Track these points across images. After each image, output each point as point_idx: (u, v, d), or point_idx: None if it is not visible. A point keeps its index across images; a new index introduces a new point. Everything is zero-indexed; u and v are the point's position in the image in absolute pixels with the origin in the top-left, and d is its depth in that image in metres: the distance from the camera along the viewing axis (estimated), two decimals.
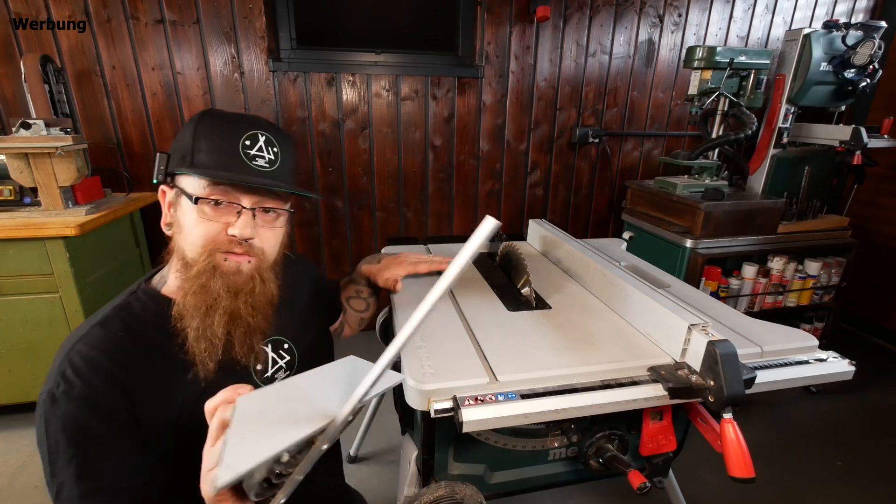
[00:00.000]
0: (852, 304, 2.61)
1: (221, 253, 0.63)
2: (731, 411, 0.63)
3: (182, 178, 0.63)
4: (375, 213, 2.30)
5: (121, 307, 0.63)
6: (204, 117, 0.64)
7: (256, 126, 0.64)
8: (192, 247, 0.62)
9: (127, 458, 0.57)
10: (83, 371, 0.55)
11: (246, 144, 0.62)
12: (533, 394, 0.63)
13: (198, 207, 0.61)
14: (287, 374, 0.75)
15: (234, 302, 0.64)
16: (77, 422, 0.54)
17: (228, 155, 0.62)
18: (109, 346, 0.58)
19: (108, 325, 0.60)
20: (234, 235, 0.62)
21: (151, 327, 0.63)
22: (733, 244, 1.81)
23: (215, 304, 0.62)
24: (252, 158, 0.63)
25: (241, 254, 0.64)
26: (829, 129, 1.97)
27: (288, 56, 2.07)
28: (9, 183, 1.59)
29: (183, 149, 0.63)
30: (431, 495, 0.57)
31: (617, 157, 2.48)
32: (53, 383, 0.55)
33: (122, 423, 0.57)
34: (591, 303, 0.94)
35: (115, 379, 0.57)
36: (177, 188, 0.64)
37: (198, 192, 0.61)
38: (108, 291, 1.72)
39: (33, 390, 1.66)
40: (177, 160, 0.63)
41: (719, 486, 1.53)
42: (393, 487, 1.45)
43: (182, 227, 0.63)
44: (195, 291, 0.61)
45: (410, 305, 0.91)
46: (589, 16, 2.21)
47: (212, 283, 0.62)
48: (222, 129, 0.63)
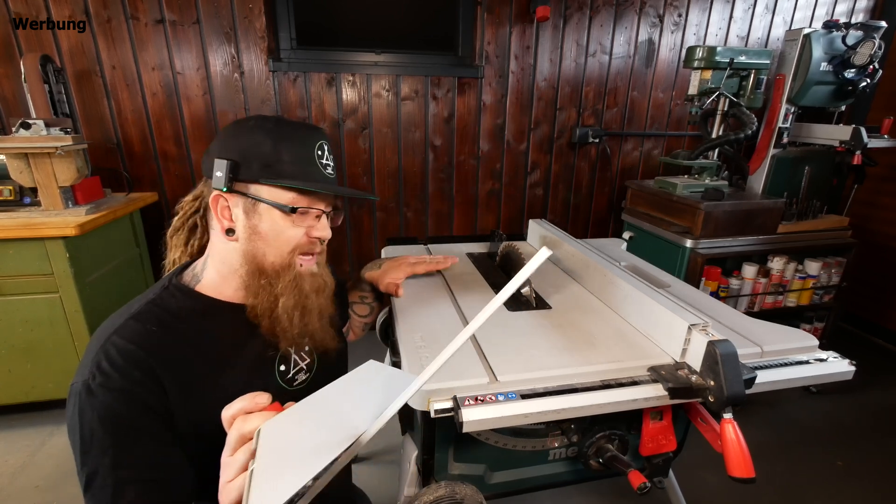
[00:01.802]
0: (852, 304, 2.61)
1: (300, 256, 0.68)
2: (731, 411, 0.63)
3: (259, 186, 0.64)
4: (375, 213, 2.30)
5: (154, 302, 0.64)
6: (280, 127, 0.65)
7: (321, 137, 0.69)
8: (278, 252, 0.66)
9: (160, 451, 0.57)
10: (119, 363, 0.56)
11: (319, 154, 0.67)
12: (533, 394, 0.63)
13: (294, 216, 0.65)
14: (307, 377, 0.76)
15: (318, 299, 0.71)
16: (113, 413, 0.54)
17: (312, 165, 0.66)
18: (145, 340, 0.59)
19: (143, 319, 0.61)
20: (319, 237, 0.68)
21: (186, 324, 0.64)
22: (733, 244, 1.81)
23: (308, 302, 0.69)
24: (324, 167, 0.68)
25: (312, 255, 0.70)
26: (829, 129, 1.96)
27: (288, 56, 2.07)
28: (9, 183, 1.59)
29: (262, 158, 0.63)
30: (431, 495, 0.57)
31: (617, 157, 2.48)
32: (89, 374, 0.55)
33: (157, 416, 0.57)
34: (591, 303, 0.94)
35: (151, 372, 0.57)
36: (250, 196, 0.64)
37: (286, 201, 0.64)
38: (108, 291, 1.72)
39: (33, 390, 1.66)
40: (256, 169, 0.63)
41: (719, 486, 1.53)
42: (393, 487, 1.45)
43: (262, 235, 0.65)
44: (292, 293, 0.66)
45: (409, 306, 0.91)
46: (589, 16, 2.21)
47: (303, 285, 0.68)
48: (300, 139, 0.66)
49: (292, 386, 0.73)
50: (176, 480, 0.58)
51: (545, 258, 0.46)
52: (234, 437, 0.47)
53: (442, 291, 0.99)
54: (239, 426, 0.47)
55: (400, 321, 0.84)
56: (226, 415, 0.49)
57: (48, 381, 1.66)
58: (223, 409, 0.49)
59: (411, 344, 0.75)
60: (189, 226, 0.75)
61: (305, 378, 0.75)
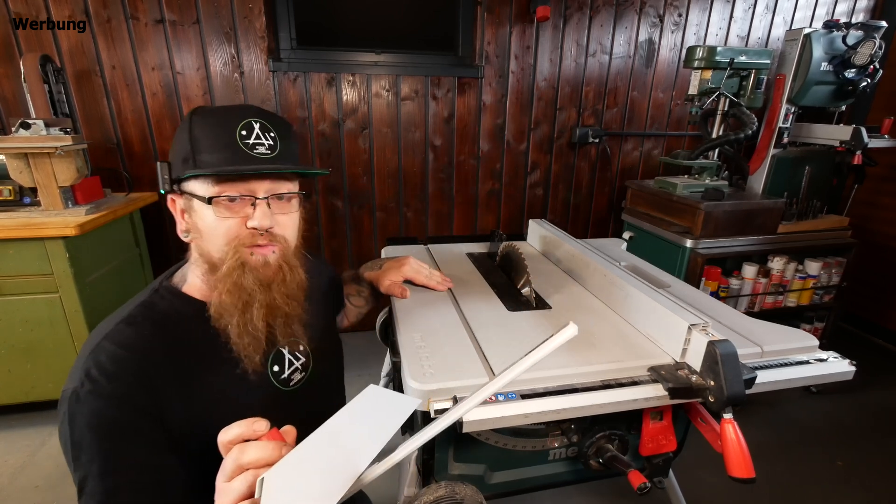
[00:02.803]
0: (852, 304, 2.61)
1: (246, 248, 0.62)
2: (732, 411, 0.63)
3: (189, 182, 0.62)
4: (375, 213, 2.30)
5: (146, 305, 0.63)
6: (195, 116, 0.62)
7: (248, 114, 0.63)
8: (216, 248, 0.62)
9: (152, 454, 0.57)
10: (109, 369, 0.55)
11: (243, 135, 0.61)
12: (533, 394, 0.63)
13: (213, 208, 0.60)
14: (303, 376, 0.74)
15: (269, 294, 0.64)
16: (102, 420, 0.54)
17: (229, 149, 0.61)
18: (136, 344, 0.58)
19: (134, 323, 0.60)
20: (255, 227, 0.62)
21: (177, 326, 0.63)
22: (733, 244, 1.80)
23: (251, 299, 0.63)
24: (252, 147, 0.62)
25: (265, 245, 0.64)
26: (830, 129, 1.96)
27: (288, 56, 2.07)
28: (9, 183, 1.59)
29: (183, 153, 0.62)
30: (431, 495, 0.57)
31: (617, 157, 2.48)
32: (78, 381, 0.55)
33: (147, 421, 0.57)
34: (591, 303, 0.94)
35: (141, 377, 0.57)
36: (186, 194, 0.63)
37: (209, 193, 0.60)
38: (108, 291, 1.72)
39: (33, 390, 1.66)
40: (179, 165, 0.63)
41: (719, 486, 1.53)
42: (393, 487, 1.45)
43: (201, 231, 0.63)
44: (229, 290, 0.62)
45: (409, 306, 0.91)
46: (589, 16, 2.21)
47: (244, 280, 0.62)
48: (217, 124, 0.62)
49: (288, 386, 0.72)
50: (170, 482, 0.57)
51: (571, 334, 0.45)
52: (231, 466, 0.46)
53: (442, 292, 0.99)
54: (236, 455, 0.46)
55: (400, 321, 0.84)
56: (222, 439, 0.48)
57: (48, 381, 1.66)
58: (220, 431, 0.48)
59: (411, 344, 0.74)
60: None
61: (301, 378, 0.74)
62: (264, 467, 0.45)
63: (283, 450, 0.46)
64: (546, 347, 0.45)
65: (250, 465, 0.46)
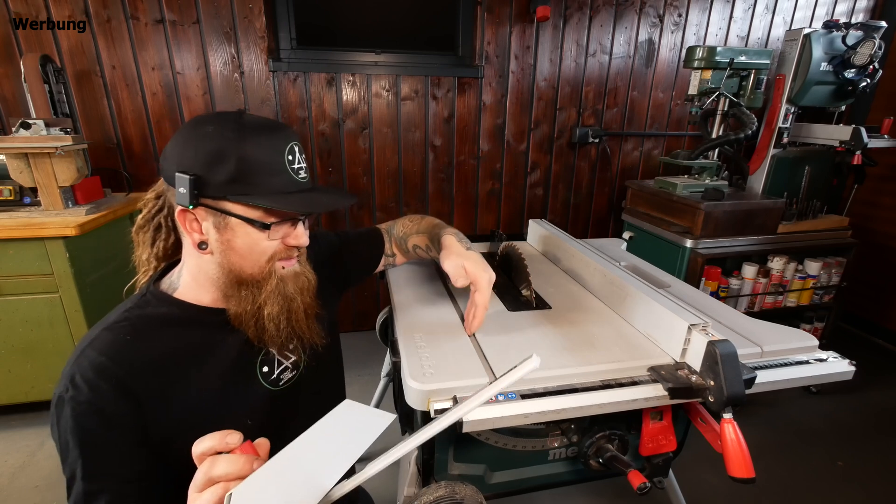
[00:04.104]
0: (852, 304, 2.61)
1: (279, 262, 0.66)
2: (731, 411, 0.63)
3: (230, 202, 0.60)
4: (375, 213, 2.30)
5: (131, 311, 0.63)
6: (243, 132, 0.58)
7: (291, 137, 0.63)
8: (255, 264, 0.64)
9: (133, 461, 0.57)
10: (90, 376, 0.56)
11: (289, 160, 0.62)
12: (533, 394, 0.63)
13: (269, 231, 0.62)
14: (293, 375, 0.74)
15: (303, 298, 0.69)
16: (82, 426, 0.55)
17: (282, 174, 0.61)
18: (117, 351, 0.58)
19: (116, 330, 0.60)
20: (296, 246, 0.66)
21: (162, 331, 0.63)
22: (733, 244, 1.81)
23: (293, 304, 0.67)
24: (296, 172, 0.63)
25: (293, 257, 0.68)
26: (829, 129, 1.96)
27: (288, 56, 2.07)
28: (9, 183, 1.59)
29: (229, 171, 0.57)
30: (431, 495, 0.57)
31: (617, 157, 2.48)
32: (63, 387, 0.56)
33: (127, 427, 0.57)
34: (591, 303, 0.94)
35: (122, 384, 0.57)
36: (218, 211, 0.60)
37: (257, 216, 0.61)
38: (108, 291, 1.72)
39: (33, 390, 1.66)
40: (222, 184, 0.58)
41: (719, 486, 1.53)
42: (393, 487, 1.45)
43: (237, 249, 0.62)
44: (276, 300, 0.65)
45: (409, 306, 0.91)
46: (589, 16, 2.21)
47: (286, 289, 0.66)
48: (269, 145, 0.60)
49: (278, 386, 0.72)
50: (149, 490, 0.58)
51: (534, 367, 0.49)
52: (202, 479, 0.46)
53: (442, 292, 0.99)
54: (207, 468, 0.46)
55: (400, 321, 0.84)
56: (195, 451, 0.48)
57: (48, 381, 1.66)
58: (194, 443, 0.48)
59: (411, 344, 0.75)
60: (154, 225, 0.73)
61: (292, 377, 0.74)
62: (235, 480, 0.45)
63: (255, 463, 0.46)
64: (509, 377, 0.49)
65: (220, 479, 0.46)
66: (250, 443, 0.49)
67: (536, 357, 0.49)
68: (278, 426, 0.73)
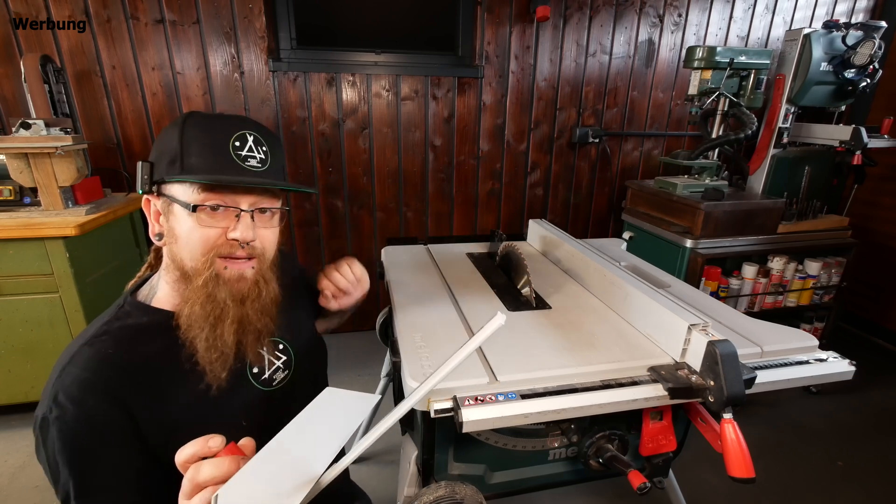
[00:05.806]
0: (852, 304, 2.61)
1: (221, 260, 0.61)
2: (731, 411, 0.63)
3: (172, 185, 0.60)
4: (375, 213, 2.30)
5: (109, 323, 0.62)
6: (190, 119, 0.61)
7: (244, 126, 0.62)
8: (191, 255, 0.60)
9: (126, 472, 0.57)
10: (74, 393, 0.55)
11: (236, 146, 0.61)
12: (533, 394, 0.63)
13: (196, 215, 0.59)
14: (286, 374, 0.74)
15: (242, 309, 0.63)
16: (71, 444, 0.54)
17: (220, 157, 0.60)
18: (99, 366, 0.57)
19: (96, 344, 0.59)
20: (236, 239, 0.61)
21: (144, 341, 0.62)
22: (733, 244, 1.81)
23: (223, 313, 0.62)
24: (244, 159, 0.61)
25: (243, 258, 0.63)
26: (829, 129, 1.96)
27: (288, 56, 2.07)
28: (9, 183, 1.59)
29: (170, 154, 0.60)
30: (431, 495, 0.57)
31: (617, 157, 2.48)
32: (46, 408, 0.55)
33: (118, 439, 0.56)
34: (591, 303, 0.94)
35: (108, 397, 0.56)
36: (166, 196, 0.61)
37: (193, 199, 0.59)
38: (108, 291, 1.72)
39: (33, 390, 1.66)
40: (164, 167, 0.60)
41: (719, 486, 1.53)
42: (393, 487, 1.45)
43: (177, 237, 0.61)
44: (202, 302, 0.60)
45: (409, 306, 0.91)
46: (589, 16, 2.21)
47: (217, 292, 0.61)
48: (211, 130, 0.61)
49: (271, 386, 0.72)
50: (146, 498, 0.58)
51: (500, 324, 0.51)
52: (188, 486, 0.46)
53: (442, 291, 0.99)
54: (192, 475, 0.46)
55: (399, 321, 0.84)
56: (178, 459, 0.48)
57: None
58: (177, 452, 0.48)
59: (411, 344, 0.75)
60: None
61: (285, 376, 0.74)
62: (222, 483, 0.45)
63: (240, 463, 0.46)
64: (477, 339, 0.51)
65: (207, 483, 0.46)
66: (234, 444, 0.49)
67: (501, 315, 0.51)
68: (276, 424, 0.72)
